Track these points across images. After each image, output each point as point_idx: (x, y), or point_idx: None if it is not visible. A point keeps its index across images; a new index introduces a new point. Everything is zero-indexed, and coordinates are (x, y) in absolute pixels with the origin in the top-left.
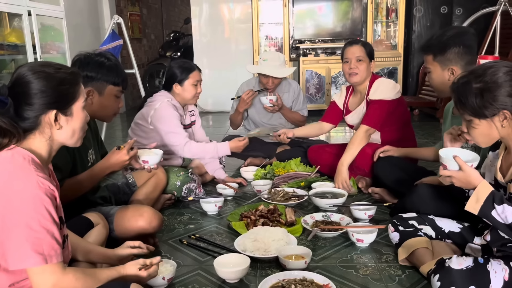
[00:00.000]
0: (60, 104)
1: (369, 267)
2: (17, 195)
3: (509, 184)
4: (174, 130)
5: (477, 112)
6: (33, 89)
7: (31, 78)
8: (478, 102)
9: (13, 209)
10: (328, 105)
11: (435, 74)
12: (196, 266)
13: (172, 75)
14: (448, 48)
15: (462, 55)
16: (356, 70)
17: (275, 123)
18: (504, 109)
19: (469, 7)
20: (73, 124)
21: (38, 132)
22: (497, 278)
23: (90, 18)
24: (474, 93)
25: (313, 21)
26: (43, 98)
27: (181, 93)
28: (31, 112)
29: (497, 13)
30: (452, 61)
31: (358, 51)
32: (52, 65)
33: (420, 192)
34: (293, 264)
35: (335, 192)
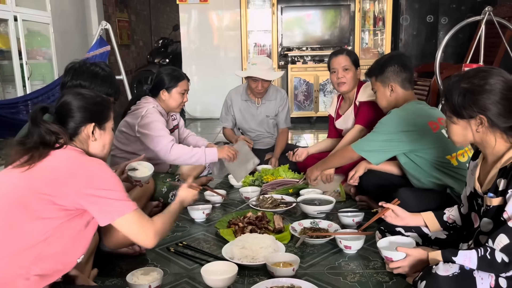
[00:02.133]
0: (97, 119)
1: (357, 274)
2: (96, 169)
3: (485, 196)
4: (160, 134)
5: (456, 111)
6: (74, 106)
7: (73, 99)
8: (459, 101)
9: (97, 180)
10: (316, 112)
11: (379, 93)
12: (184, 274)
13: (161, 81)
14: (385, 67)
15: (398, 72)
16: (344, 80)
17: (261, 130)
18: (482, 114)
19: (454, 17)
20: (104, 138)
21: (78, 141)
22: (483, 284)
23: (78, 24)
24: (459, 91)
25: (301, 29)
26: (83, 112)
27: (167, 100)
28: (73, 123)
29: (481, 22)
30: (390, 79)
31: (344, 61)
32: (90, 91)
33: (401, 196)
34: (281, 271)
35: (323, 199)
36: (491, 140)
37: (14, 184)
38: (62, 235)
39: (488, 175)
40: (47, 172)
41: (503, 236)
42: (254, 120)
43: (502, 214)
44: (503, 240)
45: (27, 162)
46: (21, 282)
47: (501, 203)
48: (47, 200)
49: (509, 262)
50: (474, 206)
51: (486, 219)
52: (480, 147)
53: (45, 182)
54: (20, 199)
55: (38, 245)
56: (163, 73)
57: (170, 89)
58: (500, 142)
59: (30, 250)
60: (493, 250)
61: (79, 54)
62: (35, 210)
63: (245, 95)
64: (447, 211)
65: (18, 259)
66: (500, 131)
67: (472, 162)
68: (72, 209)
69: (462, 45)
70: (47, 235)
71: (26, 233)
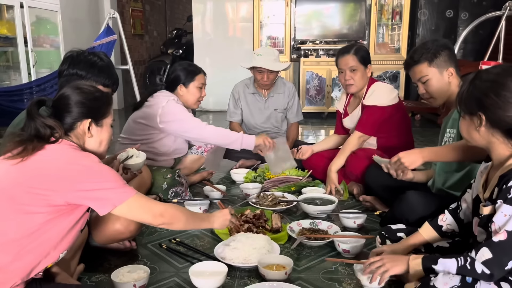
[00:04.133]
0: (94, 116)
1: (354, 280)
2: (89, 163)
3: (481, 205)
4: (187, 116)
5: (460, 104)
6: (72, 100)
7: (71, 93)
8: (465, 94)
9: (90, 173)
10: (328, 107)
11: (435, 80)
12: (173, 273)
13: (177, 76)
14: (440, 51)
15: (451, 57)
16: (351, 81)
17: (268, 125)
18: (480, 112)
19: (475, 12)
20: (101, 135)
21: (74, 136)
22: None
23: (90, 12)
24: (468, 84)
25: (315, 22)
26: (80, 108)
27: (185, 95)
28: (70, 118)
29: (502, 17)
30: (448, 63)
31: (351, 61)
32: (90, 86)
33: (409, 200)
34: (273, 274)
35: (325, 198)
36: (494, 142)
37: (3, 175)
38: (47, 231)
39: (491, 181)
40: (39, 166)
41: (486, 250)
42: (261, 115)
43: (490, 225)
44: (485, 254)
45: (20, 155)
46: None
47: (491, 212)
48: (36, 194)
49: (491, 274)
50: (477, 212)
51: (480, 228)
52: (487, 150)
53: (35, 176)
54: (7, 192)
55: (22, 239)
56: (179, 68)
57: (187, 84)
58: (502, 147)
59: (13, 243)
60: (473, 260)
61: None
62: (23, 204)
63: (252, 87)
64: (442, 222)
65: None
66: (502, 134)
67: (484, 163)
68: (62, 205)
69: (482, 42)
70: (32, 230)
71: (11, 226)
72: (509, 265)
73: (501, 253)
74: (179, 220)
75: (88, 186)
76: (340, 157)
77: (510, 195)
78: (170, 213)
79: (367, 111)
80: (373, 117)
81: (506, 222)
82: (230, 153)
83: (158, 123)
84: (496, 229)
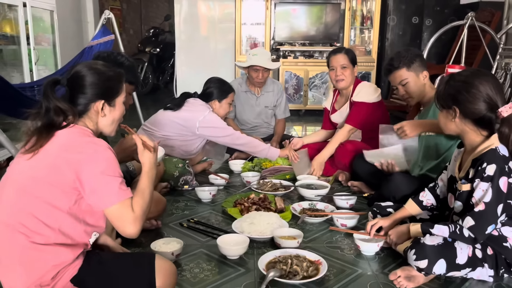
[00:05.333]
0: (107, 96)
1: (352, 248)
2: (98, 152)
3: (459, 182)
4: (226, 126)
5: (438, 99)
6: (87, 82)
7: (86, 73)
8: (441, 92)
9: (97, 161)
10: (305, 105)
11: (413, 82)
12: (198, 245)
13: (213, 92)
14: (414, 59)
15: (423, 62)
16: (342, 77)
17: (259, 121)
18: (455, 105)
19: (438, 19)
20: (114, 114)
21: (88, 117)
22: (462, 253)
23: (74, 11)
24: (444, 84)
25: (293, 25)
26: (94, 89)
27: (217, 109)
28: (83, 99)
29: (464, 26)
30: (421, 67)
31: (342, 59)
32: (103, 64)
33: (396, 180)
34: (287, 243)
35: (319, 184)
36: (467, 131)
37: (21, 173)
38: (74, 216)
39: (465, 164)
40: (48, 156)
41: (469, 219)
42: (253, 111)
43: (471, 198)
44: (469, 222)
45: (33, 148)
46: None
47: (469, 189)
48: (50, 185)
49: (475, 238)
50: (452, 189)
51: (458, 202)
52: (461, 137)
53: (45, 168)
54: (26, 189)
55: (53, 233)
56: (214, 86)
57: (221, 100)
58: (473, 134)
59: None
60: (461, 227)
61: (76, 40)
62: (45, 197)
63: (245, 86)
64: (423, 198)
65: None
66: (472, 123)
67: (457, 149)
68: (75, 190)
69: (444, 46)
70: (59, 222)
71: (38, 222)
72: (489, 230)
73: (481, 221)
74: (147, 209)
75: (88, 178)
76: (330, 147)
77: (485, 175)
78: (139, 214)
79: (356, 107)
80: (361, 112)
81: (483, 196)
82: (225, 146)
83: (197, 127)
84: (476, 201)
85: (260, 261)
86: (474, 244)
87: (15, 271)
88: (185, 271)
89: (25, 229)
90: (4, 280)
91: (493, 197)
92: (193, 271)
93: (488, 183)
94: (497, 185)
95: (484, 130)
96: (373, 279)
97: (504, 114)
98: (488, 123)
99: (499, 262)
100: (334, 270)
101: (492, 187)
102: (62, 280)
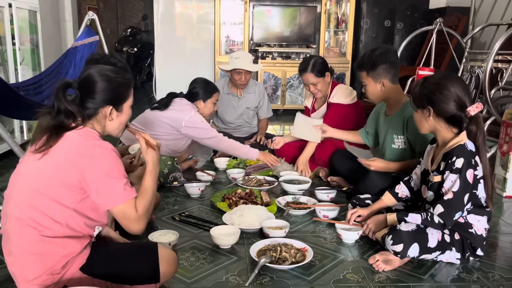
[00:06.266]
0: (115, 102)
1: (334, 236)
2: (103, 155)
3: (431, 174)
4: (210, 128)
5: (414, 101)
6: (97, 87)
7: (98, 79)
8: (417, 93)
9: (102, 164)
10: (283, 105)
11: (370, 87)
12: (192, 236)
13: (198, 92)
14: (378, 65)
15: (388, 70)
16: (315, 91)
17: (241, 121)
18: (429, 105)
19: (408, 23)
20: (121, 118)
21: (96, 121)
22: (433, 238)
23: (53, 10)
24: (419, 86)
25: (271, 26)
26: (104, 95)
27: (202, 109)
28: (93, 104)
29: (433, 31)
30: (382, 76)
31: (310, 78)
32: (114, 71)
33: (371, 178)
34: (275, 233)
35: (301, 179)
36: (439, 129)
37: (32, 173)
38: (80, 211)
39: (437, 157)
40: (56, 157)
41: (439, 206)
42: (235, 112)
43: (441, 188)
44: (439, 209)
45: (42, 148)
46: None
47: (440, 180)
48: (58, 185)
49: (444, 224)
50: (425, 181)
51: (430, 191)
52: (434, 134)
53: (54, 169)
54: (36, 187)
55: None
56: (199, 86)
57: (206, 100)
58: (445, 131)
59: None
60: (432, 215)
61: (55, 40)
62: (50, 195)
63: (227, 88)
64: (399, 190)
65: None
66: (444, 121)
67: (430, 145)
68: (81, 190)
69: (414, 49)
70: (66, 218)
71: (48, 216)
72: (456, 216)
73: (450, 208)
74: (151, 207)
75: (92, 180)
76: (310, 146)
77: (454, 167)
78: (143, 213)
79: (332, 108)
80: (337, 112)
81: (452, 186)
82: None
83: (183, 127)
84: (446, 191)
85: (252, 249)
86: (443, 229)
87: (28, 262)
88: (182, 260)
89: (35, 224)
90: (16, 271)
91: (461, 187)
92: (189, 260)
93: (456, 174)
94: (464, 176)
95: (455, 128)
96: (354, 264)
97: (471, 113)
98: (458, 121)
99: (465, 246)
100: (319, 257)
101: (460, 178)
102: (72, 269)
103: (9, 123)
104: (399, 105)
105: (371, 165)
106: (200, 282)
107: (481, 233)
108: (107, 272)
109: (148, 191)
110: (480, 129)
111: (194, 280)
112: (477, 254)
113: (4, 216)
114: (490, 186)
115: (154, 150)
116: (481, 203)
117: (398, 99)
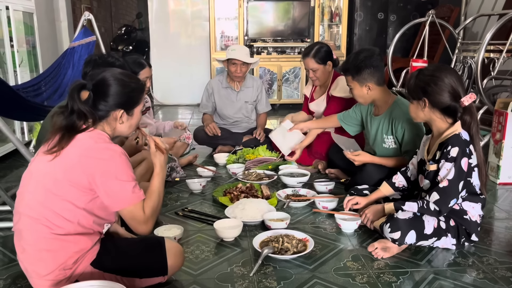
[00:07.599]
0: (127, 106)
1: (334, 226)
2: (113, 158)
3: (428, 163)
4: None
5: (410, 92)
6: (111, 91)
7: (112, 83)
8: (412, 85)
9: (112, 167)
10: (280, 99)
11: (356, 91)
12: (196, 230)
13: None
14: (362, 70)
15: (373, 73)
16: (314, 78)
17: (239, 115)
18: (424, 97)
19: (401, 15)
20: (131, 121)
21: (106, 123)
22: (429, 225)
23: (48, 11)
24: (414, 78)
25: (265, 21)
26: (116, 99)
27: None
28: (105, 107)
29: (426, 23)
30: (367, 79)
31: (310, 63)
32: (128, 75)
33: (368, 170)
34: (277, 224)
35: (300, 172)
36: (434, 119)
37: (44, 174)
38: (89, 211)
39: (432, 147)
40: (67, 159)
41: (435, 194)
42: (233, 107)
43: (437, 177)
44: (435, 196)
45: (54, 149)
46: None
47: (436, 169)
48: (70, 186)
49: (439, 210)
50: (422, 170)
51: (426, 180)
52: (429, 125)
53: (65, 170)
54: (48, 188)
55: (72, 224)
56: (126, 62)
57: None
58: (440, 122)
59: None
60: (428, 202)
61: (51, 40)
62: (62, 195)
63: (225, 82)
64: (396, 180)
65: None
66: (439, 112)
67: (426, 136)
68: (91, 191)
69: (407, 41)
70: (77, 216)
71: (58, 214)
72: (451, 203)
73: (445, 195)
74: (159, 208)
75: (101, 181)
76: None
77: (450, 156)
78: (151, 213)
79: (333, 101)
80: (339, 106)
81: (447, 174)
82: (209, 141)
83: None
84: (441, 178)
85: (255, 240)
86: (439, 216)
87: (40, 259)
88: (187, 253)
89: (48, 223)
90: (30, 267)
91: (456, 175)
92: (194, 253)
93: (451, 163)
94: (459, 165)
95: (449, 118)
96: (354, 252)
97: (465, 103)
98: (452, 111)
99: (460, 232)
100: (320, 246)
101: (455, 167)
102: (83, 264)
103: (10, 124)
104: (387, 105)
105: (356, 160)
106: (206, 274)
107: (475, 219)
108: (116, 267)
109: (155, 193)
110: (474, 119)
111: (200, 272)
112: (472, 240)
113: (16, 214)
114: (484, 174)
115: (162, 154)
116: (476, 190)
117: (385, 100)
